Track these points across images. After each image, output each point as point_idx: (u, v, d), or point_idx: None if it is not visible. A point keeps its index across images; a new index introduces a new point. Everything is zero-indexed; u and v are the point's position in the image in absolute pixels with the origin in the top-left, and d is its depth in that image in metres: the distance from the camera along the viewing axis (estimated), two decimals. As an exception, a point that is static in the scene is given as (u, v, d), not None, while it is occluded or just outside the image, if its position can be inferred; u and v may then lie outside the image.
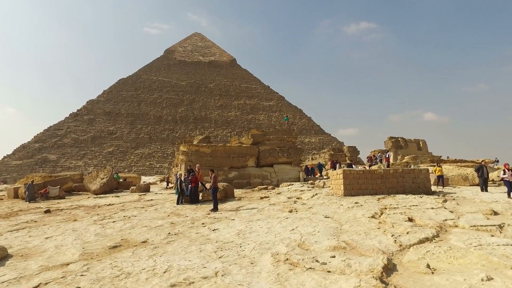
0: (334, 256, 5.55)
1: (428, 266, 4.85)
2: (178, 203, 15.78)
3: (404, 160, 36.45)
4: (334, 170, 23.14)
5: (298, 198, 15.83)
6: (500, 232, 7.04)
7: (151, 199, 18.91)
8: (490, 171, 25.23)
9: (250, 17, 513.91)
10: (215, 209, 13.12)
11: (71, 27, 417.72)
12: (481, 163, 17.07)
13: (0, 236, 9.23)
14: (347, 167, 27.26)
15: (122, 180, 31.18)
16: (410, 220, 8.45)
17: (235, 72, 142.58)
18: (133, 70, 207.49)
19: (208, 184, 16.93)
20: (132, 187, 25.39)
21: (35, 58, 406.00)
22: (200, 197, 16.52)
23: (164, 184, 36.16)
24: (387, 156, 36.75)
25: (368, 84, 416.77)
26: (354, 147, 58.90)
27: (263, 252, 6.23)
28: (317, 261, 5.36)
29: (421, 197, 13.36)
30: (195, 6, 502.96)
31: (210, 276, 4.98)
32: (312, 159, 62.05)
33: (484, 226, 7.40)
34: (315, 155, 68.01)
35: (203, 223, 10.16)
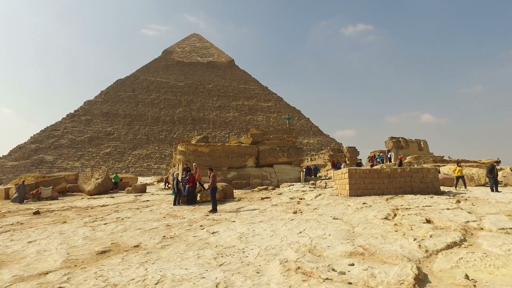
0: (353, 264, 4.81)
1: (467, 277, 4.11)
2: (175, 204, 15.01)
3: (407, 160, 35.74)
4: (336, 170, 22.40)
5: (301, 199, 15.10)
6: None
7: (147, 200, 18.13)
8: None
9: (247, 19, 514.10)
10: (214, 210, 12.37)
11: (69, 28, 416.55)
12: (493, 163, 16.36)
13: (-21, 240, 8.45)
14: (356, 166, 26.22)
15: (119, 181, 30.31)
16: (428, 221, 7.71)
17: (233, 73, 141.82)
18: (130, 71, 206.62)
19: (206, 184, 16.15)
20: (127, 188, 24.57)
21: (32, 58, 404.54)
22: (198, 197, 15.76)
23: (162, 185, 35.36)
24: (388, 156, 36.10)
25: (365, 85, 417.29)
26: (353, 147, 58.24)
27: (270, 259, 5.48)
28: (333, 270, 4.62)
29: (431, 197, 12.64)
30: (193, 8, 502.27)
31: (209, 289, 4.24)
32: (312, 160, 61.37)
33: (514, 228, 6.67)
34: (314, 156, 67.38)
35: (201, 226, 9.40)
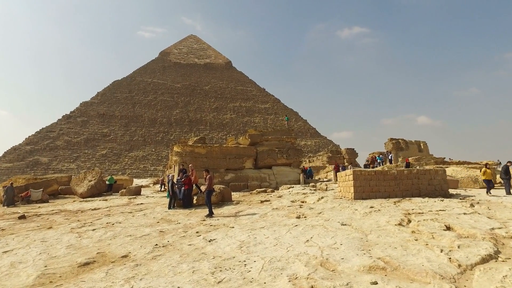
0: (376, 283, 4.07)
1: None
2: (170, 208, 14.21)
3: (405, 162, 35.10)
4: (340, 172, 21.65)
5: (303, 202, 14.34)
6: None
7: (141, 203, 17.31)
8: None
9: (244, 21, 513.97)
10: (210, 214, 11.59)
11: (65, 30, 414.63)
12: (507, 163, 15.54)
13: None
14: (365, 167, 25.28)
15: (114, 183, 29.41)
16: (448, 228, 6.98)
17: (231, 75, 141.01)
18: (126, 73, 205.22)
19: (203, 187, 15.36)
20: (121, 190, 23.72)
21: (29, 60, 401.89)
22: (195, 200, 14.98)
23: (157, 187, 34.50)
24: (389, 157, 35.42)
25: (361, 87, 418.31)
26: (352, 149, 57.41)
27: (276, 274, 4.72)
28: (354, 290, 3.87)
29: (442, 200, 11.94)
30: (190, 10, 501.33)
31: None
32: (310, 162, 60.63)
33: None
34: (311, 157, 66.66)
35: (198, 232, 8.63)
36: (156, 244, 7.37)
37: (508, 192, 14.40)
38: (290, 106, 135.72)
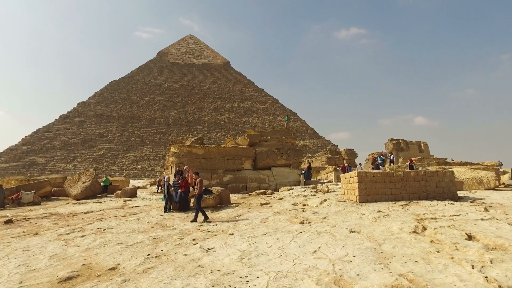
0: (404, 309, 3.41)
1: None
2: (165, 211, 13.53)
3: (408, 163, 34.52)
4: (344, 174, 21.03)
5: (305, 205, 13.68)
6: None
7: (136, 206, 16.60)
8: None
9: (242, 22, 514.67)
10: (206, 218, 10.92)
11: (63, 30, 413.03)
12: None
13: None
14: (374, 168, 24.38)
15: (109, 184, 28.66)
16: (470, 237, 6.34)
17: (229, 75, 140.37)
18: (124, 73, 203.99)
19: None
20: (116, 192, 22.99)
21: (26, 60, 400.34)
22: (192, 203, 14.30)
23: (154, 188, 33.76)
24: (391, 158, 34.81)
25: (359, 88, 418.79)
26: (352, 149, 56.80)
27: (284, 295, 4.08)
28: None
29: (452, 204, 11.30)
30: (187, 10, 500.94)
31: None
32: (309, 162, 59.99)
33: None
34: (310, 158, 66.02)
35: (194, 239, 7.96)
36: (149, 254, 6.72)
37: None
38: (288, 107, 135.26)
